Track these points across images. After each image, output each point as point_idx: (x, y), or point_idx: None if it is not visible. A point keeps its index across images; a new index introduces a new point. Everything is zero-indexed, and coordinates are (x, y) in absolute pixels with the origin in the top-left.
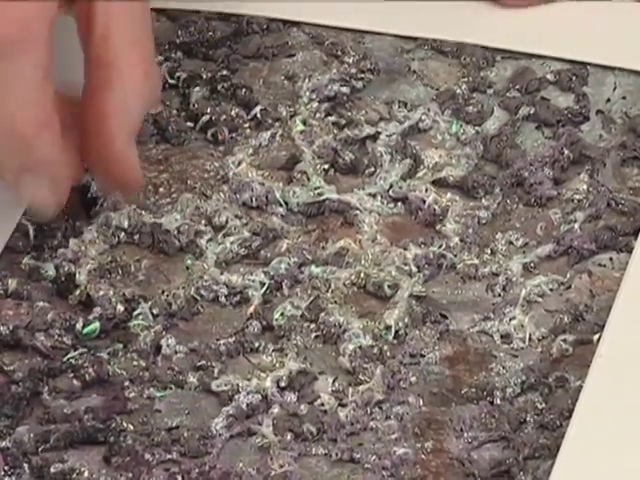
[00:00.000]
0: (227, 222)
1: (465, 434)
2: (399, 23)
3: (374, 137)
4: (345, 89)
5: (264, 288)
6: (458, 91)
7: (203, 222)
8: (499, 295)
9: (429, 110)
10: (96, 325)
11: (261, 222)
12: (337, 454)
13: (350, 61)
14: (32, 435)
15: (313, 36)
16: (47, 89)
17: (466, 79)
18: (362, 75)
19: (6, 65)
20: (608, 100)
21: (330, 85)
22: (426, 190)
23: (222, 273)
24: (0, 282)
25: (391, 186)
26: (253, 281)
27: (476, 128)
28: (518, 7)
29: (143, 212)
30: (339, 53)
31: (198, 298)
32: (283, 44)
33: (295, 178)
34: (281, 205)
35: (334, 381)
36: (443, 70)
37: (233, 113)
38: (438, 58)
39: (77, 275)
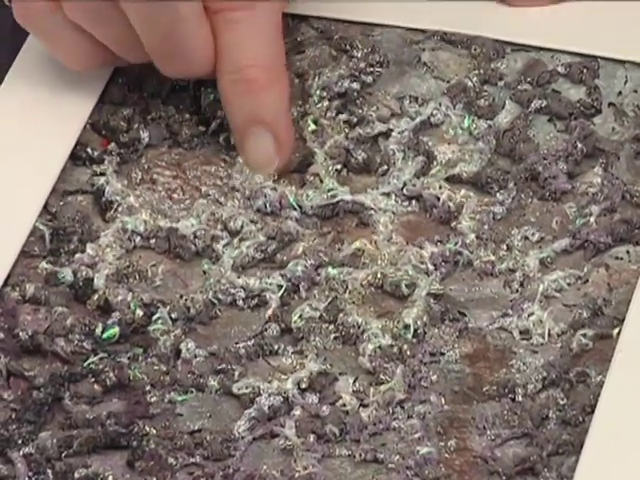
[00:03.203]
0: (242, 227)
1: (488, 432)
2: (408, 16)
3: (386, 134)
4: (355, 85)
5: (281, 291)
6: (469, 84)
7: (219, 227)
8: (517, 291)
9: (440, 104)
10: (115, 330)
11: (276, 226)
12: (360, 455)
13: (359, 55)
14: (55, 441)
15: (322, 31)
16: (281, 43)
17: (477, 71)
18: (371, 69)
19: (246, 15)
20: (619, 93)
21: (340, 81)
22: (440, 187)
23: (239, 277)
24: (18, 287)
25: (405, 184)
26: (270, 284)
27: (488, 122)
28: (524, 7)
29: (159, 217)
30: (348, 47)
31: (216, 302)
32: (292, 40)
33: (308, 180)
34: (295, 209)
35: (355, 381)
36: (453, 61)
37: None
38: (448, 49)
39: (95, 280)
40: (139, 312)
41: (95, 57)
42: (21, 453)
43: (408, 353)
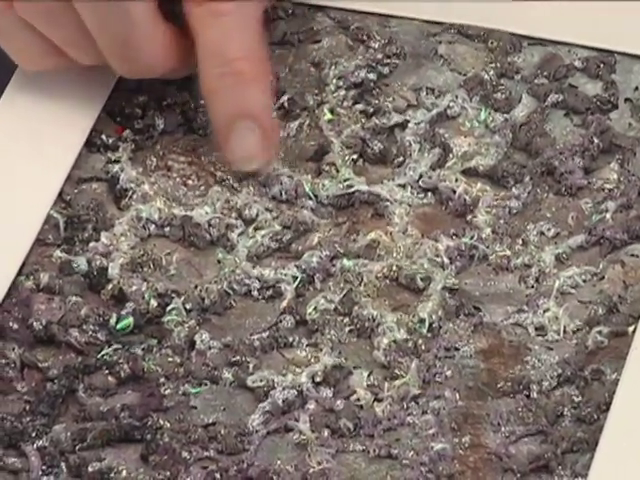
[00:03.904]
0: (257, 215)
1: (502, 428)
2: (425, 9)
3: (402, 125)
4: (372, 75)
5: (296, 282)
6: (486, 77)
7: (234, 215)
8: (532, 287)
9: (457, 97)
10: (130, 320)
11: (291, 215)
12: (375, 450)
13: (376, 46)
14: (69, 433)
15: (338, 21)
16: (263, 38)
17: (493, 64)
18: (388, 60)
19: (233, 7)
20: (636, 88)
21: (357, 71)
22: (456, 180)
23: (254, 267)
24: (32, 276)
25: (421, 176)
26: (285, 275)
27: (505, 115)
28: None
29: (173, 204)
30: (365, 38)
31: (231, 292)
32: (308, 30)
33: (324, 170)
34: (310, 198)
35: (369, 375)
36: (470, 55)
37: None
38: (465, 42)
39: (109, 269)
40: (153, 302)
41: (49, 58)
42: (35, 446)
43: (423, 348)
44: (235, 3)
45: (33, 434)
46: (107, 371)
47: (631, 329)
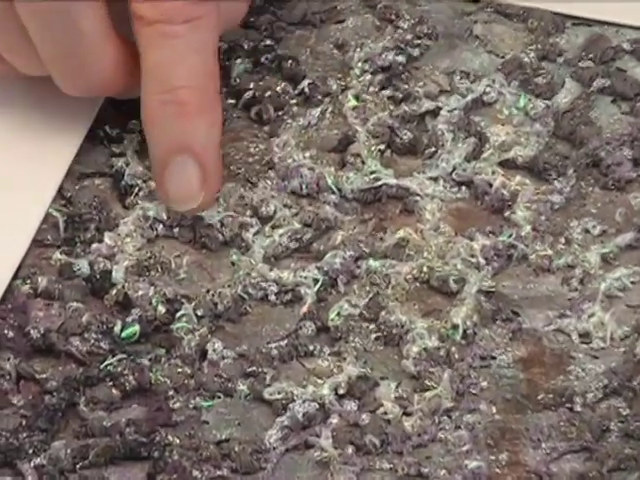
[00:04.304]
0: (275, 212)
1: (543, 445)
2: None
3: (434, 113)
4: (401, 58)
5: (318, 285)
6: (525, 60)
7: (248, 213)
8: (576, 289)
9: (494, 81)
10: (135, 328)
11: (312, 212)
12: (403, 469)
13: (405, 26)
14: (69, 451)
15: None
16: (217, 67)
17: (534, 46)
18: (419, 41)
19: (185, 30)
20: None
21: (384, 54)
22: (493, 172)
23: (271, 269)
24: (29, 280)
25: (454, 168)
26: (305, 277)
27: (546, 102)
28: None
29: None
30: (393, 17)
31: (246, 297)
32: (331, 9)
33: (348, 161)
34: (333, 192)
35: (397, 387)
36: (508, 35)
37: (279, 88)
38: (502, 21)
39: (113, 273)
40: (161, 308)
41: None
42: (32, 464)
43: (456, 356)
44: (188, 26)
45: (30, 451)
46: (111, 383)
47: None
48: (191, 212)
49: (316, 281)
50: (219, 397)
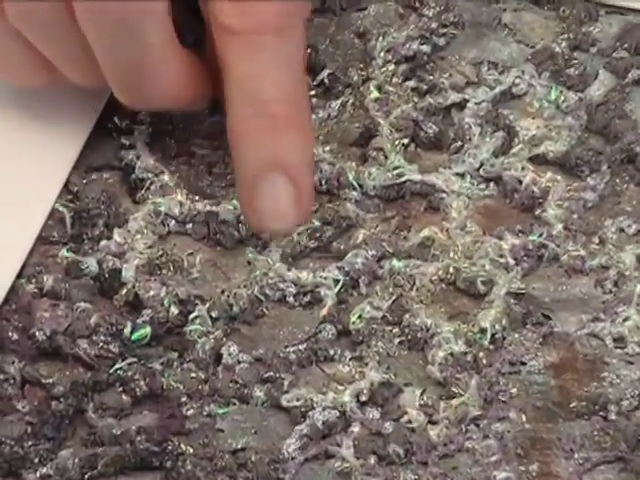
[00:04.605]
0: None
1: (576, 455)
2: None
3: (460, 105)
4: (425, 47)
5: (338, 286)
6: (557, 50)
7: None
8: (610, 292)
9: (524, 72)
10: (147, 330)
11: (333, 209)
12: (429, 479)
13: (430, 14)
14: (77, 460)
15: None
16: (307, 81)
17: (566, 35)
18: (444, 30)
19: (275, 41)
20: None
21: (408, 43)
22: (522, 168)
23: (289, 269)
24: (34, 279)
25: (482, 164)
26: (325, 278)
27: (579, 94)
28: None
29: (196, 197)
30: (417, 5)
31: (262, 298)
32: None
33: (370, 156)
34: (355, 189)
35: (422, 394)
36: (539, 24)
37: None
38: (533, 9)
39: (123, 271)
40: (174, 310)
41: (39, 74)
42: (38, 474)
43: (484, 362)
44: (279, 36)
45: (36, 460)
46: (121, 388)
47: None
48: (277, 233)
49: (336, 282)
50: (234, 404)
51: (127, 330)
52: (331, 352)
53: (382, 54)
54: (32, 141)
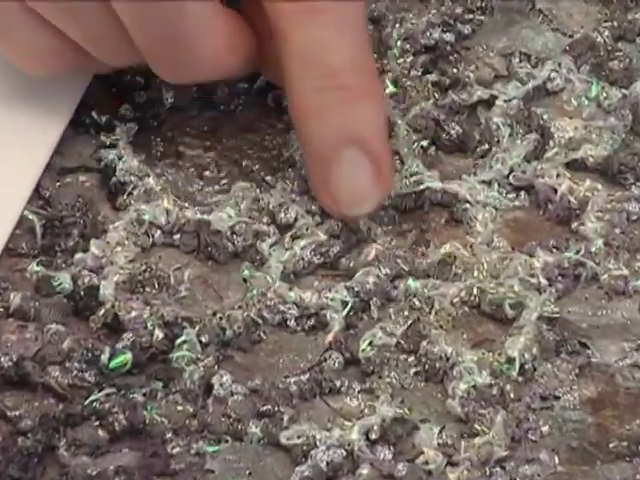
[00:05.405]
0: (296, 220)
1: None
2: None
3: (488, 103)
4: (448, 36)
5: (347, 309)
6: (599, 40)
7: (265, 220)
8: None
9: (560, 65)
10: (127, 357)
11: (341, 220)
12: None
13: None
14: None
15: None
16: (371, 46)
17: (609, 23)
18: (470, 16)
19: (337, 7)
20: None
21: (428, 31)
22: (558, 175)
23: (291, 288)
24: (0, 296)
25: (511, 170)
26: (332, 300)
27: (623, 91)
28: None
29: (185, 204)
30: None
31: (260, 322)
32: None
33: None
34: None
35: (441, 431)
36: (578, 10)
37: None
38: None
39: (100, 289)
40: (158, 333)
41: (60, 59)
42: None
43: (512, 396)
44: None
45: None
46: (97, 423)
47: None
48: (359, 216)
49: (345, 304)
50: (227, 441)
51: (105, 356)
52: (337, 383)
53: (399, 43)
54: None
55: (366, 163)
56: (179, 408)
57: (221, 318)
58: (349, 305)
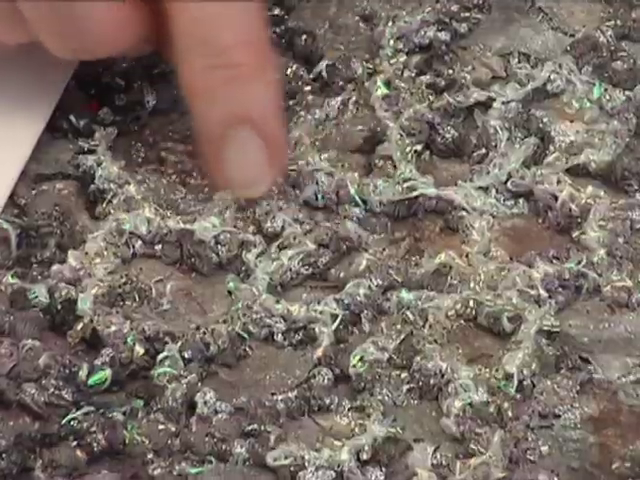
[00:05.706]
0: (283, 229)
1: None
2: None
3: (485, 105)
4: (443, 35)
5: (336, 322)
6: (602, 39)
7: (250, 229)
8: None
9: (561, 66)
10: (106, 373)
11: (330, 228)
12: None
13: None
14: None
15: None
16: (265, 20)
17: (612, 22)
18: (467, 14)
19: None
20: None
21: (423, 29)
22: (558, 182)
23: (278, 301)
24: None
25: (510, 176)
26: (321, 313)
27: (626, 93)
28: None
29: (168, 213)
30: None
31: (245, 336)
32: None
33: (376, 166)
34: (357, 205)
35: (435, 451)
36: (580, 8)
37: (289, 71)
38: None
39: (78, 302)
40: (139, 349)
41: None
42: None
43: (510, 414)
44: None
45: None
46: (75, 443)
47: None
48: (251, 195)
49: (334, 317)
50: (211, 462)
51: (83, 373)
52: (327, 401)
53: (392, 42)
54: None
55: (257, 143)
56: (161, 427)
57: (205, 333)
58: (339, 318)
